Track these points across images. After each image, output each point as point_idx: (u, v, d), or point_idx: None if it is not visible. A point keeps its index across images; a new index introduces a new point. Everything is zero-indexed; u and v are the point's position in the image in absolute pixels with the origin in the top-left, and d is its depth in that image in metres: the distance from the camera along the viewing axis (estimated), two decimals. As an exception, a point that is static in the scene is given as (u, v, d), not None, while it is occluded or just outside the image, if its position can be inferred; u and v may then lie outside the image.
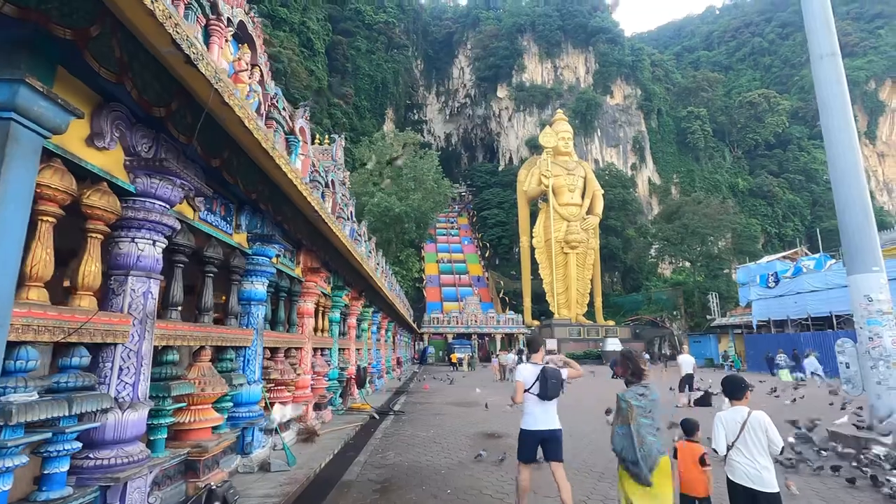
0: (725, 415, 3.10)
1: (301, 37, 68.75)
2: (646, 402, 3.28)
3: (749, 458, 2.92)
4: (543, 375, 4.08)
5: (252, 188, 5.34)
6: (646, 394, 3.31)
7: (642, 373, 3.43)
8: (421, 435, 8.34)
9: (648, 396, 3.30)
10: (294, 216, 6.61)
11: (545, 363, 4.27)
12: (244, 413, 5.63)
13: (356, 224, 13.13)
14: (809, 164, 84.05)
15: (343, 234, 8.07)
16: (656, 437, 3.21)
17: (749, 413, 3.01)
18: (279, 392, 6.92)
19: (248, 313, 5.91)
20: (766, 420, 2.96)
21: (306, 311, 8.36)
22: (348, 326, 13.00)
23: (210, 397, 4.65)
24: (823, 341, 25.93)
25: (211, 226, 4.94)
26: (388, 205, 38.09)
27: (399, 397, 15.00)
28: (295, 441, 7.10)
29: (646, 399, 3.29)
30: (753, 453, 2.92)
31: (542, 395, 4.05)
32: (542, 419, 4.11)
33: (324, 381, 9.62)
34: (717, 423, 3.11)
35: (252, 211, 5.82)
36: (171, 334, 4.12)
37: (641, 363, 3.48)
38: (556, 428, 4.13)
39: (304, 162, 8.10)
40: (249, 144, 4.12)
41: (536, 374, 4.13)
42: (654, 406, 3.29)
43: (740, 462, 2.96)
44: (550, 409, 4.13)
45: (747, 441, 2.94)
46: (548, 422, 4.11)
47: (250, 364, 5.81)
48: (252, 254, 5.94)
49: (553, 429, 4.12)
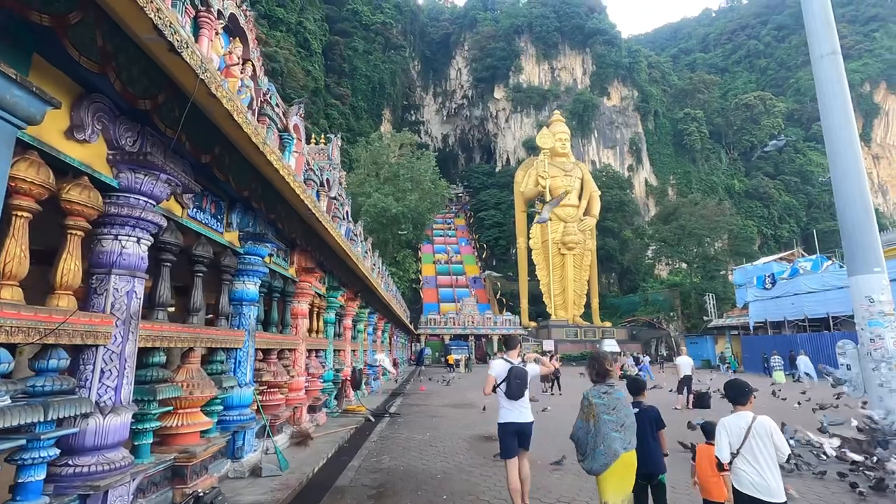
0: (729, 420, 2.98)
1: (298, 37, 68.57)
2: (608, 399, 3.46)
3: (755, 467, 2.80)
4: (509, 375, 4.34)
5: (244, 186, 5.21)
6: (609, 392, 3.50)
7: (608, 373, 3.62)
8: (417, 438, 8.20)
9: (612, 395, 3.49)
10: (288, 215, 6.48)
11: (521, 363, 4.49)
12: (235, 416, 5.48)
13: (352, 224, 12.99)
14: (805, 165, 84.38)
15: (338, 234, 7.93)
16: (620, 434, 3.34)
17: (754, 419, 2.89)
18: (272, 394, 6.77)
19: (240, 314, 5.77)
20: (771, 426, 2.84)
21: (300, 312, 8.21)
22: (344, 327, 12.85)
23: (198, 400, 4.50)
24: (820, 343, 25.95)
25: (200, 224, 4.80)
26: (385, 205, 37.94)
27: (395, 399, 14.85)
28: (288, 445, 6.95)
29: (609, 397, 3.47)
30: (759, 461, 2.80)
31: (508, 395, 4.34)
32: (515, 413, 4.38)
33: (318, 383, 9.47)
34: (720, 429, 2.99)
35: (244, 209, 5.68)
36: (157, 335, 3.98)
37: (607, 364, 3.66)
38: (528, 421, 4.41)
39: (299, 160, 7.96)
40: (239, 139, 3.98)
41: (507, 370, 4.39)
42: (617, 403, 3.45)
43: (746, 471, 2.83)
44: (522, 404, 4.40)
45: (753, 448, 2.82)
46: (521, 416, 4.38)
47: (241, 366, 5.66)
48: (244, 253, 5.80)
49: (526, 422, 4.40)
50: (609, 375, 3.62)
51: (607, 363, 3.67)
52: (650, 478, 3.60)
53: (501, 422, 4.43)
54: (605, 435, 3.33)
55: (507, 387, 4.32)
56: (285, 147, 7.19)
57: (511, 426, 4.35)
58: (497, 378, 4.42)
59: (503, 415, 4.42)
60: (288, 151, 7.24)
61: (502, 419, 4.42)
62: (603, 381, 3.60)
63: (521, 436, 4.37)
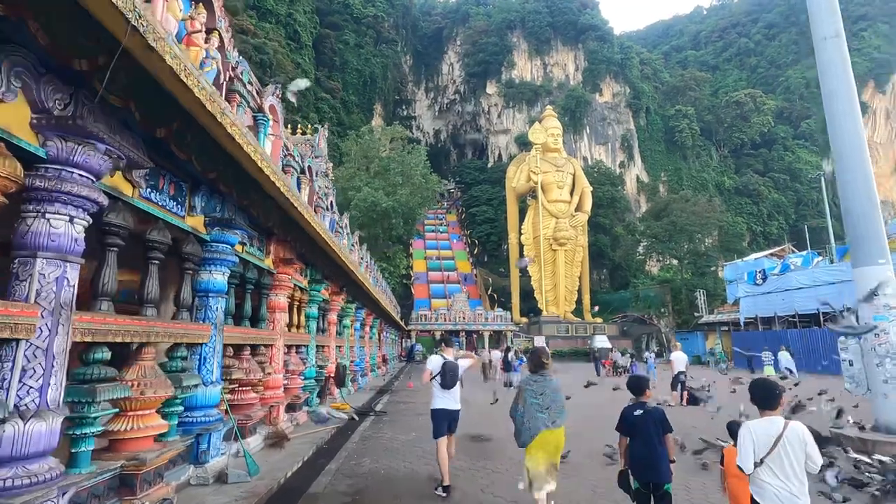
0: (756, 425, 2.58)
1: (287, 29, 67.44)
2: (537, 386, 4.13)
3: (783, 480, 2.42)
4: (443, 369, 5.12)
5: (209, 166, 4.74)
6: (538, 380, 4.17)
7: (543, 365, 4.26)
8: (401, 438, 7.80)
9: (541, 382, 4.15)
10: (262, 201, 6.00)
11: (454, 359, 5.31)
12: (199, 417, 5.03)
13: (336, 215, 12.51)
14: (794, 163, 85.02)
15: (319, 223, 7.47)
16: (544, 414, 4.00)
17: (786, 425, 2.50)
18: (244, 393, 6.32)
19: (206, 306, 5.30)
20: (805, 434, 2.46)
21: (278, 306, 7.75)
22: (328, 322, 12.39)
23: (152, 401, 4.05)
24: (811, 338, 25.98)
25: (156, 205, 4.33)
26: (375, 199, 37.33)
27: (382, 396, 14.44)
28: (262, 447, 6.51)
29: (537, 384, 4.14)
30: (788, 474, 2.42)
31: (443, 384, 5.12)
32: (446, 401, 5.16)
33: (298, 381, 9.02)
34: (744, 434, 2.59)
35: (210, 192, 5.21)
36: (99, 329, 3.52)
37: (543, 358, 4.31)
38: (456, 409, 5.24)
39: (276, 143, 7.48)
40: (192, 106, 3.51)
41: (441, 365, 5.14)
42: (544, 389, 4.09)
43: (772, 483, 2.45)
44: (453, 394, 5.18)
45: (782, 459, 2.44)
46: (451, 404, 5.18)
47: (207, 363, 5.20)
48: (210, 240, 5.33)
49: (455, 409, 5.23)
50: (544, 367, 4.24)
51: (543, 357, 4.32)
52: (655, 487, 3.24)
53: (434, 408, 5.19)
54: (532, 415, 4.01)
55: (442, 378, 5.09)
56: (260, 129, 6.71)
57: (443, 412, 5.14)
58: (433, 371, 5.18)
59: (436, 402, 5.18)
60: (262, 134, 6.76)
61: (435, 405, 5.19)
62: (537, 371, 4.25)
63: (450, 420, 5.17)
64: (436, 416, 5.15)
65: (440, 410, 5.14)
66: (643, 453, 3.12)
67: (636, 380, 3.67)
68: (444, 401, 5.13)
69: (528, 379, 4.26)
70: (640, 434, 3.26)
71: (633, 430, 3.34)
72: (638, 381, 3.65)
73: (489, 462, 6.27)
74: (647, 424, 3.28)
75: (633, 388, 3.64)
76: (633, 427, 3.33)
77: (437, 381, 5.11)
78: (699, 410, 11.02)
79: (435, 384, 5.14)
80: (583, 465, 6.14)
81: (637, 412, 3.36)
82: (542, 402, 4.02)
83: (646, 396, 3.53)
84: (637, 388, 3.60)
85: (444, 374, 5.08)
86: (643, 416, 3.33)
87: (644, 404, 3.45)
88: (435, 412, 5.18)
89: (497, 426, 8.90)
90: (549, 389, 4.08)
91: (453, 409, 5.17)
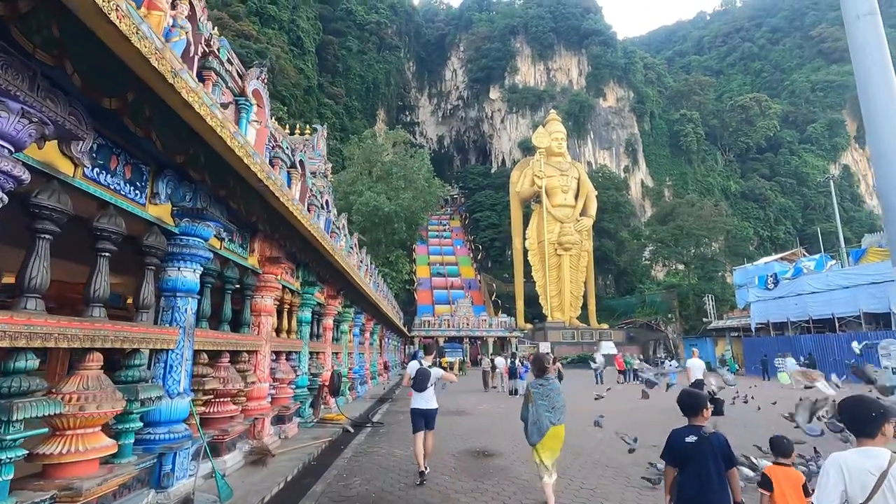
0: (850, 459, 1.91)
1: (290, 35, 67.56)
2: (543, 389, 4.71)
3: None
4: (416, 374, 5.92)
5: (174, 147, 4.17)
6: (544, 384, 4.75)
7: (546, 370, 4.86)
8: (398, 454, 7.13)
9: (546, 386, 4.73)
10: (243, 191, 5.42)
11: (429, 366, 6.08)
12: (162, 435, 4.40)
13: (333, 215, 11.92)
14: (800, 167, 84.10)
15: (310, 220, 6.89)
16: (551, 413, 4.63)
17: (893, 461, 1.85)
18: (221, 405, 5.69)
19: (173, 307, 4.69)
20: None
21: (264, 309, 7.13)
22: (323, 328, 11.76)
23: (96, 418, 3.43)
24: (825, 344, 25.10)
25: (106, 188, 3.73)
26: (378, 204, 36.85)
27: (381, 405, 13.77)
28: (242, 464, 5.87)
29: (543, 388, 4.72)
30: None
31: (414, 387, 5.91)
32: (421, 402, 5.90)
33: (288, 390, 8.39)
34: (831, 469, 1.92)
35: (178, 178, 4.61)
36: (22, 332, 2.90)
37: (546, 363, 4.94)
38: (431, 408, 5.94)
39: (261, 132, 6.90)
40: (131, 59, 2.91)
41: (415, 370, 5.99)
42: (549, 392, 4.69)
43: None
44: (426, 395, 5.91)
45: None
46: (426, 404, 5.91)
47: (174, 371, 4.58)
48: (179, 233, 4.73)
49: (429, 408, 5.92)
50: (547, 371, 4.87)
51: (546, 363, 4.98)
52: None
53: (412, 407, 5.97)
54: (540, 415, 4.61)
55: (413, 381, 5.91)
56: (241, 114, 6.13)
57: (418, 410, 5.89)
58: (410, 375, 6.04)
59: (413, 402, 5.97)
60: (245, 119, 6.18)
61: (412, 405, 5.97)
62: (541, 375, 4.84)
63: (426, 418, 5.88)
64: (412, 413, 5.96)
65: (415, 409, 5.94)
66: (697, 491, 2.43)
67: (690, 396, 2.87)
68: (419, 401, 5.93)
69: (534, 383, 4.83)
70: (693, 467, 2.55)
71: (684, 462, 2.62)
72: (692, 399, 2.83)
73: (493, 482, 5.61)
74: (704, 455, 2.56)
75: (686, 405, 2.85)
76: (685, 457, 2.61)
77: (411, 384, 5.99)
78: (718, 421, 10.30)
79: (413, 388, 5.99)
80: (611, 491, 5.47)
81: (690, 438, 2.62)
82: (547, 403, 4.70)
83: (702, 418, 2.75)
84: (691, 406, 2.80)
85: (416, 379, 5.90)
86: (699, 444, 2.59)
87: (699, 429, 2.67)
88: (412, 411, 5.98)
89: (501, 438, 8.23)
90: (553, 392, 4.74)
91: (426, 408, 5.93)
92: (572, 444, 7.81)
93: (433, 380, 5.93)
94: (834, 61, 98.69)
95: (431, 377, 5.91)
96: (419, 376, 5.89)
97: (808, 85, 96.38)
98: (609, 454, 7.20)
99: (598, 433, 8.56)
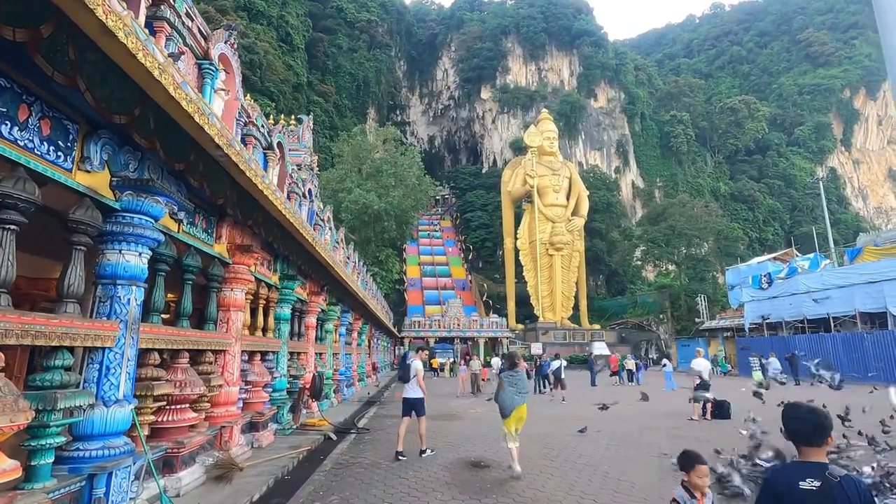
0: None
1: (279, 31, 66.45)
2: (511, 378, 6.09)
3: None
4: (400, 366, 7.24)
5: (112, 102, 3.43)
6: (513, 375, 6.15)
7: (516, 365, 6.31)
8: (383, 465, 6.39)
9: (515, 376, 6.13)
10: (209, 168, 4.70)
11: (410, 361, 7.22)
12: (95, 451, 3.63)
13: (317, 206, 11.15)
14: (788, 169, 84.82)
15: (281, 201, 6.14)
16: (518, 396, 5.97)
17: None
18: (178, 413, 4.92)
19: (113, 297, 3.92)
20: None
21: (234, 303, 6.37)
22: (306, 326, 10.98)
23: (-11, 434, 2.66)
24: (820, 344, 24.82)
25: (11, 144, 2.97)
26: (367, 202, 35.97)
27: (368, 409, 13.00)
28: (203, 480, 5.09)
29: (512, 377, 6.11)
30: None
31: (399, 378, 7.35)
32: (409, 392, 7.07)
33: (263, 394, 7.61)
34: None
35: (117, 142, 3.86)
36: None
37: (516, 360, 6.42)
38: (417, 397, 7.02)
39: (230, 104, 6.16)
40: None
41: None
42: (517, 381, 6.09)
43: None
44: (411, 385, 7.05)
45: None
46: (412, 393, 7.04)
47: (112, 374, 3.82)
48: (121, 209, 3.97)
49: (415, 397, 7.02)
50: (516, 366, 6.28)
51: (516, 359, 6.42)
52: None
53: (402, 396, 7.15)
54: (510, 396, 5.93)
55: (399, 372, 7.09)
56: (206, 79, 5.38)
57: (406, 400, 7.05)
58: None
59: (404, 391, 7.17)
60: (209, 87, 5.43)
61: (403, 395, 7.14)
62: (512, 368, 6.24)
63: (413, 406, 6.99)
64: (403, 401, 7.16)
65: (403, 399, 7.17)
66: None
67: (812, 413, 1.84)
68: (406, 391, 7.16)
69: (506, 374, 6.20)
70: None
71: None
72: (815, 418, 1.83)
73: (492, 500, 4.90)
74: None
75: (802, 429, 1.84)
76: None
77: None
78: (724, 425, 9.72)
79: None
80: None
81: (807, 483, 1.70)
82: (515, 388, 6.02)
83: (818, 452, 1.78)
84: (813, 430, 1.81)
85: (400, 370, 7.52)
86: (822, 493, 1.66)
87: (824, 468, 1.72)
88: (403, 399, 7.19)
89: (497, 446, 7.53)
90: (520, 381, 6.13)
91: (410, 396, 7.07)
92: (580, 455, 7.15)
93: (413, 372, 7.03)
94: (821, 65, 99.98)
95: (411, 371, 7.03)
96: (402, 369, 7.23)
97: (795, 88, 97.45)
98: (620, 467, 6.55)
99: (602, 440, 7.92)
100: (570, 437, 8.45)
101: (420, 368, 7.15)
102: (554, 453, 7.12)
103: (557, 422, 10.43)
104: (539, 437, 8.43)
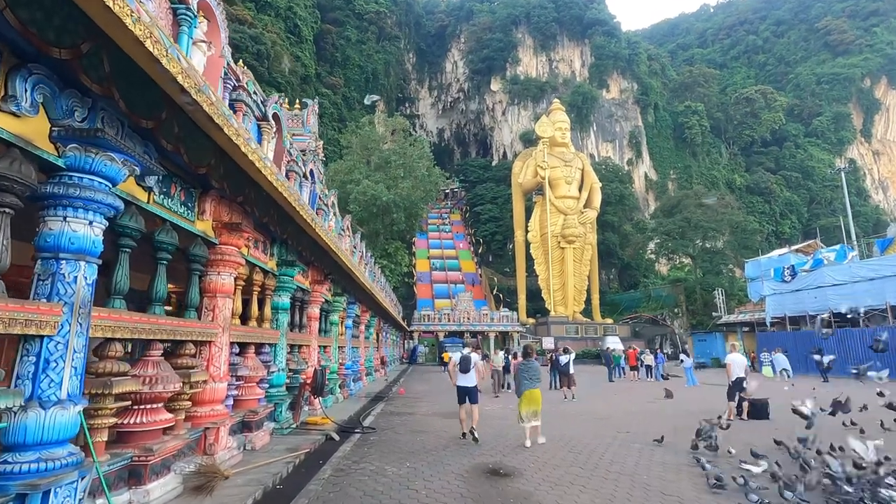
0: None
1: (287, 22, 65.82)
2: (525, 366, 7.57)
3: None
4: (461, 359, 7.89)
5: (45, 30, 2.70)
6: (527, 363, 7.61)
7: (529, 355, 7.96)
8: (389, 472, 5.65)
9: (528, 364, 7.59)
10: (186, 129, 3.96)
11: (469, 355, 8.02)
12: (27, 464, 2.92)
13: (316, 186, 10.40)
14: (806, 161, 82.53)
15: (273, 172, 5.39)
16: (530, 381, 7.34)
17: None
18: (148, 413, 4.20)
19: (55, 274, 3.19)
20: None
21: (220, 288, 5.64)
22: (308, 317, 10.27)
23: None
24: (848, 340, 23.65)
25: None
26: (375, 193, 35.25)
27: (376, 405, 12.29)
28: (179, 492, 4.38)
29: (526, 365, 7.58)
30: None
31: (461, 369, 7.86)
32: (463, 381, 7.81)
33: (257, 390, 6.91)
34: None
35: (58, 82, 3.11)
36: None
37: (529, 351, 8.14)
38: (471, 385, 7.78)
39: (214, 61, 5.39)
40: None
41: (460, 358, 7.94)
42: (530, 368, 7.50)
43: None
44: (469, 376, 7.80)
45: None
46: (466, 382, 7.79)
47: (52, 369, 3.09)
48: (65, 166, 3.23)
49: (469, 386, 7.77)
50: (530, 356, 7.92)
51: (530, 351, 8.16)
52: None
53: (457, 385, 7.90)
54: (522, 381, 7.46)
55: (460, 363, 7.85)
56: (182, 26, 4.62)
57: (461, 388, 7.80)
58: (454, 362, 8.03)
59: (458, 380, 7.88)
60: (187, 36, 4.67)
61: (458, 383, 7.88)
62: (526, 359, 7.88)
63: (468, 393, 7.74)
64: (457, 390, 7.86)
65: (458, 388, 7.84)
66: None
67: None
68: (460, 380, 7.79)
69: (521, 363, 7.77)
70: None
71: None
72: None
73: None
74: None
75: None
76: None
77: (457, 368, 7.86)
78: (763, 426, 8.86)
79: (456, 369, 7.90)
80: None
81: None
82: (528, 375, 7.43)
83: None
84: None
85: (461, 362, 7.82)
86: None
87: None
88: (457, 387, 7.86)
89: (518, 450, 6.77)
90: (533, 368, 7.51)
91: (467, 385, 7.71)
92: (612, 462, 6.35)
93: (473, 363, 7.79)
94: (839, 54, 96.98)
95: (470, 364, 7.77)
96: (463, 362, 7.79)
97: (813, 78, 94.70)
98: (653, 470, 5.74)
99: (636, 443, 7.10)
100: (596, 440, 7.65)
101: (479, 362, 8.10)
102: (583, 459, 6.33)
103: (581, 421, 9.63)
104: (564, 439, 7.66)
